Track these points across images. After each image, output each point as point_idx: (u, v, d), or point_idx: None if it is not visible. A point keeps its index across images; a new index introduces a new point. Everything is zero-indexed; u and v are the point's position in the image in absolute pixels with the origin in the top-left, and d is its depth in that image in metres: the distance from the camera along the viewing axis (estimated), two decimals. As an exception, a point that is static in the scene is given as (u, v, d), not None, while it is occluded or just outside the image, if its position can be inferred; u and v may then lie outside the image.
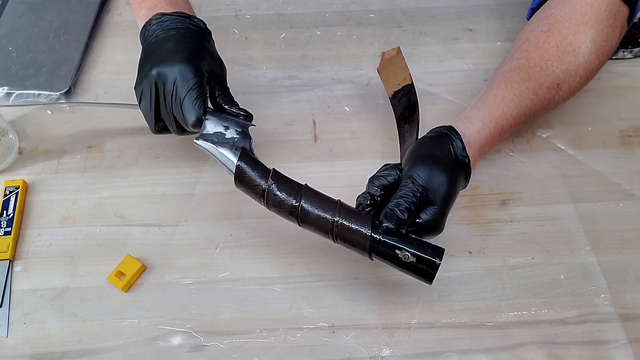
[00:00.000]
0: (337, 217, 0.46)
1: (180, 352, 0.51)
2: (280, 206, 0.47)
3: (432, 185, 0.47)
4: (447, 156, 0.49)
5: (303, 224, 0.47)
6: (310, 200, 0.47)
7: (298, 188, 0.47)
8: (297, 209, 0.46)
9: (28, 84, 0.68)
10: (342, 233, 0.46)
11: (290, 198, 0.47)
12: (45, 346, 0.52)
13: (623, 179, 0.61)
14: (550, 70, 0.54)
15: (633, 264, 0.56)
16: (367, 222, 0.45)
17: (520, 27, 0.74)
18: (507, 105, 0.54)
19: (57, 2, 0.77)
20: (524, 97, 0.54)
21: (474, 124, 0.53)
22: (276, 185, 0.47)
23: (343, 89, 0.69)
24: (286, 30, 0.75)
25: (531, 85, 0.54)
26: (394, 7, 0.77)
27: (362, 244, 0.45)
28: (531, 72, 0.55)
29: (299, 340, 0.52)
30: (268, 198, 0.47)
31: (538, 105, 0.55)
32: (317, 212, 0.46)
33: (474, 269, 0.56)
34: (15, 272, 0.56)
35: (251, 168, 0.48)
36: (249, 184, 0.48)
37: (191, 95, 0.50)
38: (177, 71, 0.50)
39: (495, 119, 0.53)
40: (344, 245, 0.47)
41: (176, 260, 0.56)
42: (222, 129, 0.51)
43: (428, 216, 0.47)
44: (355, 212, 0.47)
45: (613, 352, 0.51)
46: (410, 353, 0.51)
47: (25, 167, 0.63)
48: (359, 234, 0.45)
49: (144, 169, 0.63)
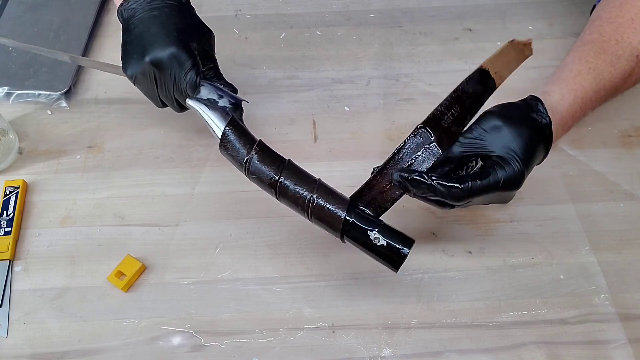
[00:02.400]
0: (314, 196, 0.46)
1: (180, 352, 0.51)
2: (259, 177, 0.48)
3: (500, 140, 0.46)
4: (524, 117, 0.48)
5: (280, 197, 0.48)
6: (291, 175, 0.47)
7: (281, 162, 0.48)
8: (277, 183, 0.47)
9: (28, 84, 0.68)
10: (316, 212, 0.46)
11: (271, 172, 0.47)
12: (45, 346, 0.52)
13: (623, 179, 0.61)
14: (627, 42, 0.52)
15: (633, 264, 0.56)
16: (343, 203, 0.46)
17: (520, 26, 0.75)
18: (583, 78, 0.51)
19: (57, 2, 0.77)
20: (601, 70, 0.52)
21: (553, 96, 0.51)
22: (258, 157, 0.47)
23: (343, 89, 0.69)
24: (286, 30, 0.75)
25: (607, 58, 0.52)
26: (394, 7, 0.77)
27: (335, 225, 0.46)
28: (606, 45, 0.53)
29: (299, 340, 0.52)
30: (249, 168, 0.48)
31: (618, 79, 0.52)
32: (295, 188, 0.46)
33: (474, 269, 0.56)
34: (15, 272, 0.56)
35: (237, 135, 0.48)
36: (231, 152, 0.48)
37: (191, 78, 0.51)
38: (171, 57, 0.51)
39: (573, 92, 0.51)
40: (317, 224, 0.47)
41: (176, 260, 0.56)
42: (216, 97, 0.52)
43: (505, 172, 0.45)
44: (333, 192, 0.47)
45: (613, 352, 0.51)
46: (410, 353, 0.51)
47: (25, 167, 0.63)
48: (333, 214, 0.46)
49: (144, 169, 0.63)
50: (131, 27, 0.53)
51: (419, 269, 0.56)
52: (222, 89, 0.53)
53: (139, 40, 0.52)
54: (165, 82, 0.52)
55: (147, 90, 0.55)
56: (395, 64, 0.71)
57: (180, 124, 0.66)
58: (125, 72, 0.54)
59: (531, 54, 0.50)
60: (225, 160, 0.63)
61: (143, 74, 0.52)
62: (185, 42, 0.51)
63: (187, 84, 0.52)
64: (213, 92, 0.52)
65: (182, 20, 0.53)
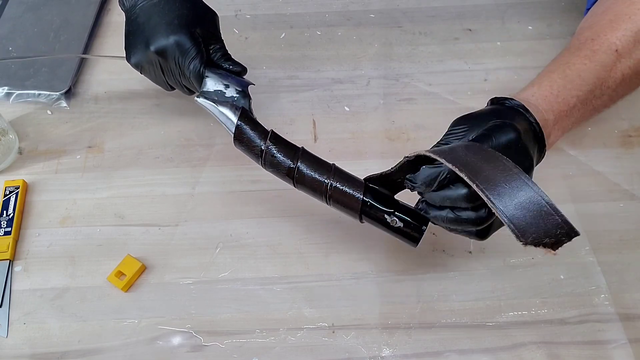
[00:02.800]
0: (331, 180, 0.47)
1: (180, 352, 0.51)
2: (277, 167, 0.49)
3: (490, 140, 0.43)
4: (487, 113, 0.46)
5: (298, 185, 0.49)
6: (307, 162, 0.48)
7: (295, 150, 0.49)
8: (294, 170, 0.48)
9: (28, 84, 0.68)
10: (335, 195, 0.48)
11: (288, 160, 0.48)
12: (45, 346, 0.52)
13: (623, 179, 0.61)
14: (603, 39, 0.51)
15: (633, 264, 0.56)
16: (360, 186, 0.47)
17: (520, 27, 0.75)
18: (551, 72, 0.51)
19: (57, 2, 0.77)
20: (573, 62, 0.51)
21: (520, 94, 0.50)
22: (275, 147, 0.49)
23: (343, 89, 0.69)
24: (286, 30, 0.75)
25: (581, 53, 0.51)
26: (394, 7, 0.77)
27: (354, 206, 0.47)
28: (582, 45, 0.52)
29: (299, 340, 0.52)
30: (265, 159, 0.49)
31: (599, 69, 0.50)
32: (313, 174, 0.48)
33: (474, 269, 0.56)
34: (15, 272, 0.56)
35: (250, 128, 0.50)
36: (247, 144, 0.50)
37: (195, 67, 0.52)
38: (174, 46, 0.51)
39: (537, 84, 0.50)
40: (336, 206, 0.49)
41: (176, 260, 0.56)
42: (222, 87, 0.52)
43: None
44: (349, 176, 0.49)
45: (613, 352, 0.51)
46: (410, 353, 0.51)
47: (25, 167, 0.63)
48: (351, 197, 0.47)
49: (144, 169, 0.63)
50: (133, 16, 0.54)
51: (419, 269, 0.56)
52: (228, 75, 0.53)
53: (141, 30, 0.52)
54: (171, 69, 0.53)
55: (154, 77, 0.56)
56: (395, 64, 0.71)
57: (180, 124, 0.66)
58: (129, 62, 0.55)
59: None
60: (225, 160, 0.64)
61: (149, 63, 0.53)
62: (187, 29, 0.52)
63: (192, 73, 0.52)
64: (219, 83, 0.52)
65: (183, 6, 0.53)
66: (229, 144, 0.64)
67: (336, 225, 0.58)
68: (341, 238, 0.57)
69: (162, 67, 0.54)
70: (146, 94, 0.69)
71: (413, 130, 0.65)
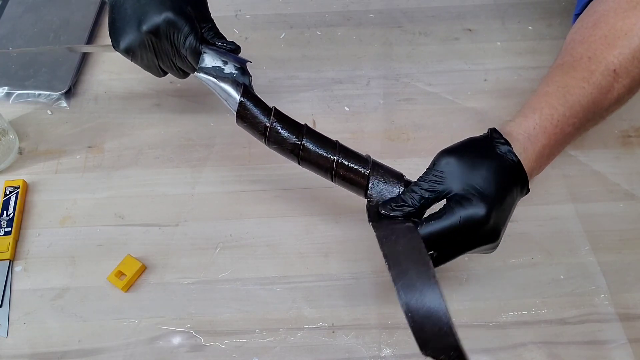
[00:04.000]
0: (337, 157, 0.47)
1: (180, 352, 0.51)
2: (281, 144, 0.48)
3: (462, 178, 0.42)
4: (479, 146, 0.44)
5: (303, 162, 0.48)
6: (312, 139, 0.48)
7: (300, 127, 0.48)
8: (299, 147, 0.47)
9: (28, 84, 0.68)
10: (341, 172, 0.47)
11: (292, 136, 0.48)
12: (46, 346, 0.52)
13: (623, 179, 0.61)
14: (600, 57, 0.49)
15: (633, 264, 0.56)
16: (366, 162, 0.47)
17: (520, 27, 0.75)
18: (550, 96, 0.48)
19: (57, 2, 0.77)
20: (572, 86, 0.48)
21: (514, 120, 0.48)
22: (279, 123, 0.48)
23: (343, 89, 0.69)
24: (286, 30, 0.75)
25: (578, 75, 0.48)
26: (394, 7, 0.77)
27: (360, 182, 0.46)
28: (576, 64, 0.49)
29: (299, 340, 0.52)
30: (270, 136, 0.48)
31: (595, 94, 0.48)
32: (318, 151, 0.47)
33: (474, 269, 0.56)
34: (15, 272, 0.56)
35: (254, 105, 0.49)
36: (251, 121, 0.49)
37: (191, 44, 0.51)
38: (168, 23, 0.50)
39: (539, 110, 0.47)
40: (341, 183, 0.48)
41: (176, 260, 0.56)
42: (221, 63, 0.51)
43: (467, 211, 0.41)
44: (354, 152, 0.48)
45: (613, 352, 0.51)
46: (410, 353, 0.51)
47: (25, 167, 0.63)
48: (357, 173, 0.46)
49: (144, 169, 0.63)
50: (119, 3, 0.52)
51: (419, 269, 0.55)
52: (225, 52, 0.52)
53: (131, 13, 0.51)
54: (165, 50, 0.52)
55: (146, 62, 0.54)
56: (395, 64, 0.71)
57: (180, 124, 0.66)
58: (117, 49, 0.53)
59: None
60: (225, 160, 0.64)
61: (141, 46, 0.52)
62: (179, 7, 0.50)
63: (188, 50, 0.51)
64: (217, 59, 0.51)
65: None
66: (229, 144, 0.64)
67: (336, 225, 0.58)
68: (341, 238, 0.57)
69: (155, 49, 0.52)
70: (146, 94, 0.69)
71: (413, 130, 0.65)
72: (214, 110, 0.67)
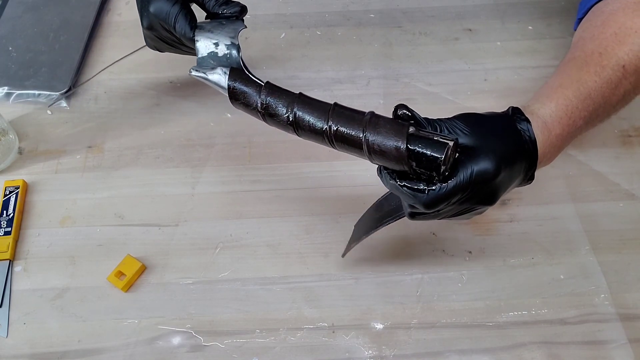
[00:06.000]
0: (331, 123, 0.46)
1: (180, 352, 0.51)
2: (277, 119, 0.47)
3: (481, 131, 0.43)
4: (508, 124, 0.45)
5: (300, 131, 0.47)
6: (304, 107, 0.46)
7: (292, 97, 0.47)
8: (294, 120, 0.46)
9: (28, 84, 0.68)
10: (337, 141, 0.45)
11: (285, 108, 0.47)
12: (45, 346, 0.52)
13: (623, 179, 0.61)
14: (611, 53, 0.50)
15: (633, 264, 0.56)
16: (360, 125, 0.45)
17: (520, 26, 0.75)
18: (565, 88, 0.49)
19: (57, 2, 0.77)
20: (585, 80, 0.49)
21: (532, 105, 0.48)
22: (270, 97, 0.47)
23: (343, 89, 0.69)
24: (286, 30, 0.75)
25: (591, 69, 0.49)
26: (394, 7, 0.77)
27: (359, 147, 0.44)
28: (589, 59, 0.51)
29: (299, 340, 0.52)
30: (264, 112, 0.47)
31: (605, 89, 0.49)
32: (313, 120, 0.46)
33: (474, 269, 0.56)
34: (15, 272, 0.56)
35: (243, 85, 0.48)
36: (243, 101, 0.48)
37: (181, 28, 0.50)
38: (155, 17, 0.50)
39: (555, 100, 0.48)
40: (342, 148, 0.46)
41: (176, 260, 0.56)
42: (213, 47, 0.50)
43: (478, 166, 0.41)
44: (352, 111, 0.46)
45: (613, 352, 0.51)
46: (410, 353, 0.51)
47: (25, 167, 0.63)
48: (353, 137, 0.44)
49: (144, 169, 0.63)
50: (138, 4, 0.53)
51: (418, 269, 0.56)
52: (216, 27, 0.51)
53: (139, 13, 0.52)
54: (168, 39, 0.53)
55: (167, 50, 0.55)
56: (395, 64, 0.71)
57: (180, 124, 0.66)
58: (142, 27, 0.53)
59: None
60: (225, 160, 0.64)
61: (153, 40, 0.53)
62: None
63: (183, 37, 0.51)
64: (209, 42, 0.50)
65: None
66: (229, 144, 0.64)
67: (336, 225, 0.58)
68: (341, 238, 0.57)
69: (163, 39, 0.53)
70: (146, 94, 0.69)
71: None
72: (214, 110, 0.67)
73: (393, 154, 0.42)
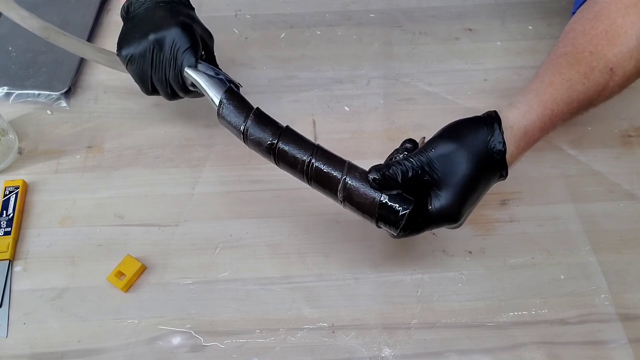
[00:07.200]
0: (312, 159, 0.46)
1: (180, 352, 0.51)
2: (258, 142, 0.48)
3: (446, 165, 0.45)
4: (475, 139, 0.46)
5: (280, 162, 0.48)
6: (289, 140, 0.47)
7: (278, 128, 0.48)
8: (275, 147, 0.47)
9: (28, 84, 0.68)
10: (315, 176, 0.46)
11: (269, 136, 0.47)
12: (45, 346, 0.52)
13: (623, 179, 0.61)
14: (601, 54, 0.50)
15: (633, 264, 0.56)
16: (343, 165, 0.46)
17: (520, 26, 0.75)
18: (556, 89, 0.49)
19: (57, 2, 0.77)
20: (575, 82, 0.49)
21: (519, 108, 0.48)
22: (255, 122, 0.48)
23: (343, 89, 0.69)
24: (286, 30, 0.75)
25: (581, 69, 0.50)
26: (394, 7, 0.77)
27: (335, 187, 0.46)
28: (580, 56, 0.51)
29: (299, 340, 0.52)
30: (246, 134, 0.48)
31: (592, 91, 0.50)
32: (294, 152, 0.47)
33: (474, 269, 0.56)
34: (15, 272, 0.56)
35: (234, 103, 0.49)
36: (229, 119, 0.49)
37: (189, 56, 0.53)
38: (175, 35, 0.52)
39: (543, 103, 0.48)
40: (317, 188, 0.47)
41: (176, 260, 0.56)
42: (213, 73, 0.52)
43: (439, 202, 0.44)
44: (333, 155, 0.47)
45: (613, 352, 0.51)
46: (410, 353, 0.51)
47: (25, 167, 0.63)
48: (332, 178, 0.46)
49: (144, 169, 0.63)
50: (137, 15, 0.55)
51: (419, 269, 0.56)
52: (219, 70, 0.53)
53: (144, 23, 0.54)
54: (162, 61, 0.53)
55: (141, 72, 0.55)
56: (395, 64, 0.71)
57: (180, 124, 0.66)
58: (119, 53, 0.55)
59: None
60: (225, 160, 0.64)
61: (141, 54, 0.53)
62: (191, 27, 0.53)
63: (184, 62, 0.53)
64: (210, 69, 0.52)
65: (187, 13, 0.56)
66: (229, 144, 0.64)
67: (336, 225, 0.58)
68: (341, 238, 0.58)
69: (154, 59, 0.53)
70: (146, 94, 0.69)
71: (413, 130, 0.65)
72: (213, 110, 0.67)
73: (367, 204, 0.45)
